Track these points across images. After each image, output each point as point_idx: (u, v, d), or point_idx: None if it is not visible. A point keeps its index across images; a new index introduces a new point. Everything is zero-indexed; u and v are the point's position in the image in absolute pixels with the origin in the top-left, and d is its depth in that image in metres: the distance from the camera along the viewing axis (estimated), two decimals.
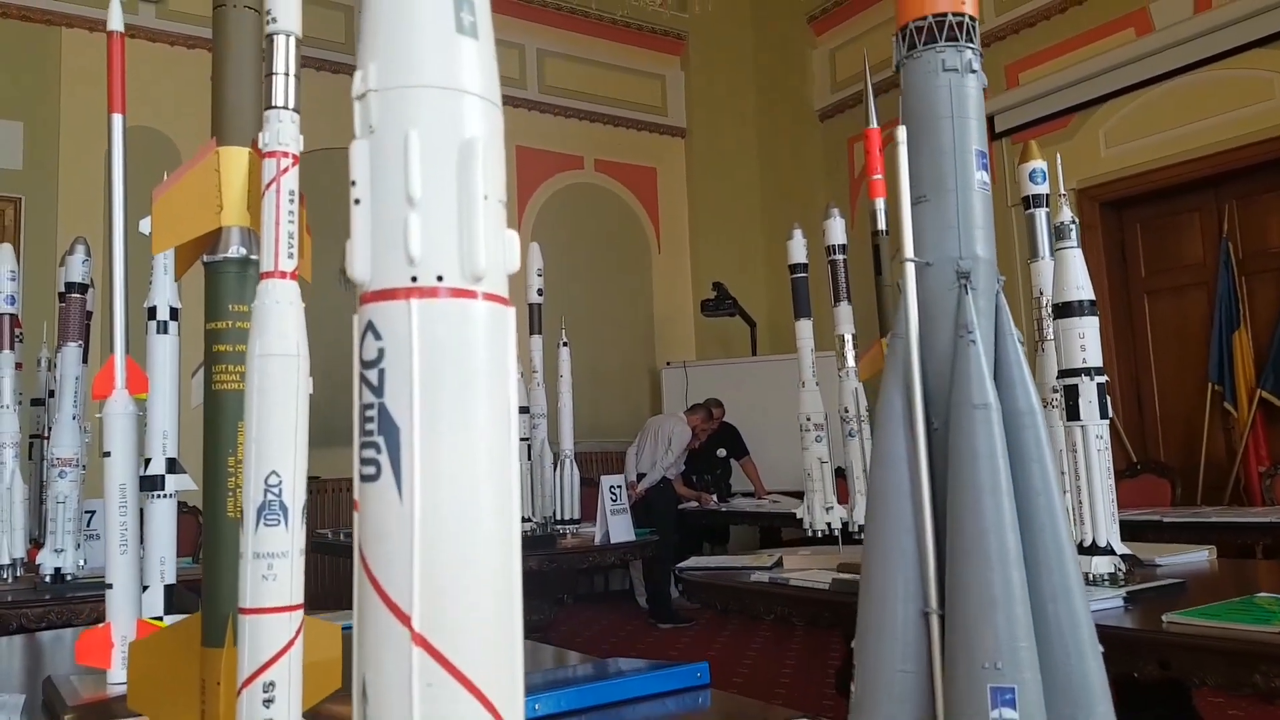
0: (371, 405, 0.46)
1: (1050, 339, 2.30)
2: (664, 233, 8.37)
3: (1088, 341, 2.12)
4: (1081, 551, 2.07)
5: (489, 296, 0.48)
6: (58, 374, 2.97)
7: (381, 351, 0.47)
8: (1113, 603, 1.83)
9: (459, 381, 0.46)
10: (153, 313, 1.93)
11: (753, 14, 8.66)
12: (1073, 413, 2.13)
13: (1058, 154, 2.50)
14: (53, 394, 3.30)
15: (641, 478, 6.27)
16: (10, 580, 2.86)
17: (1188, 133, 5.76)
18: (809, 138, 8.28)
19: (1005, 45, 6.71)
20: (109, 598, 1.42)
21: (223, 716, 0.95)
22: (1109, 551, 2.10)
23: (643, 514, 5.54)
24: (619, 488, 3.93)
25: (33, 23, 5.96)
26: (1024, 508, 0.99)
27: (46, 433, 3.46)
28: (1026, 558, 0.95)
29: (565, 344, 4.42)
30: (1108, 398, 2.14)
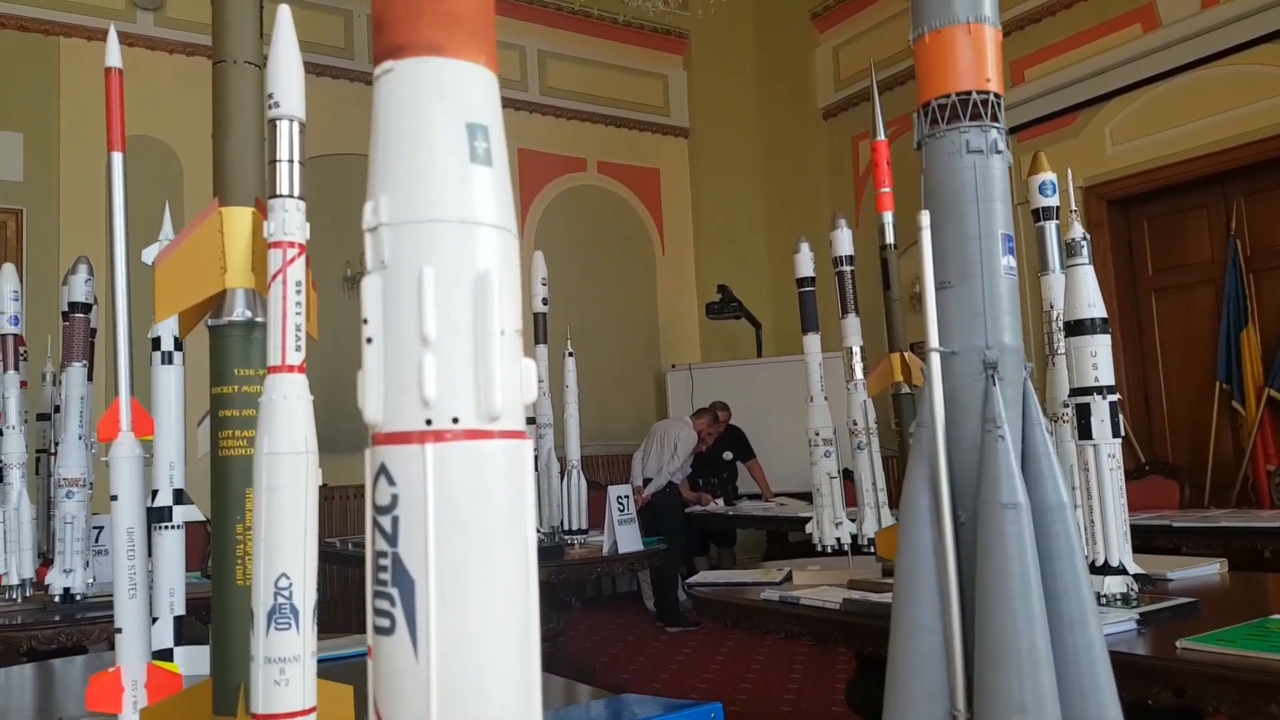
0: (385, 554, 0.45)
1: (1061, 353, 2.28)
2: (668, 234, 8.32)
3: (1100, 360, 2.09)
4: (1093, 571, 2.06)
5: (505, 434, 0.46)
6: (63, 393, 2.97)
7: (395, 498, 0.45)
8: (1126, 625, 1.82)
9: (476, 528, 0.45)
10: (157, 343, 1.92)
11: (755, 12, 8.59)
12: (1084, 432, 2.10)
13: (1069, 169, 2.47)
14: (58, 409, 3.28)
15: (647, 483, 6.26)
16: (19, 601, 2.86)
17: (1195, 129, 5.71)
18: (813, 136, 8.21)
19: (1011, 42, 6.65)
20: (118, 642, 1.42)
21: None
22: (1121, 571, 2.08)
23: (649, 519, 5.53)
24: (626, 498, 3.92)
25: (30, 33, 5.94)
26: (1053, 605, 0.96)
27: (53, 448, 3.45)
28: (1055, 655, 0.92)
29: (571, 354, 4.41)
30: (1120, 415, 2.12)
